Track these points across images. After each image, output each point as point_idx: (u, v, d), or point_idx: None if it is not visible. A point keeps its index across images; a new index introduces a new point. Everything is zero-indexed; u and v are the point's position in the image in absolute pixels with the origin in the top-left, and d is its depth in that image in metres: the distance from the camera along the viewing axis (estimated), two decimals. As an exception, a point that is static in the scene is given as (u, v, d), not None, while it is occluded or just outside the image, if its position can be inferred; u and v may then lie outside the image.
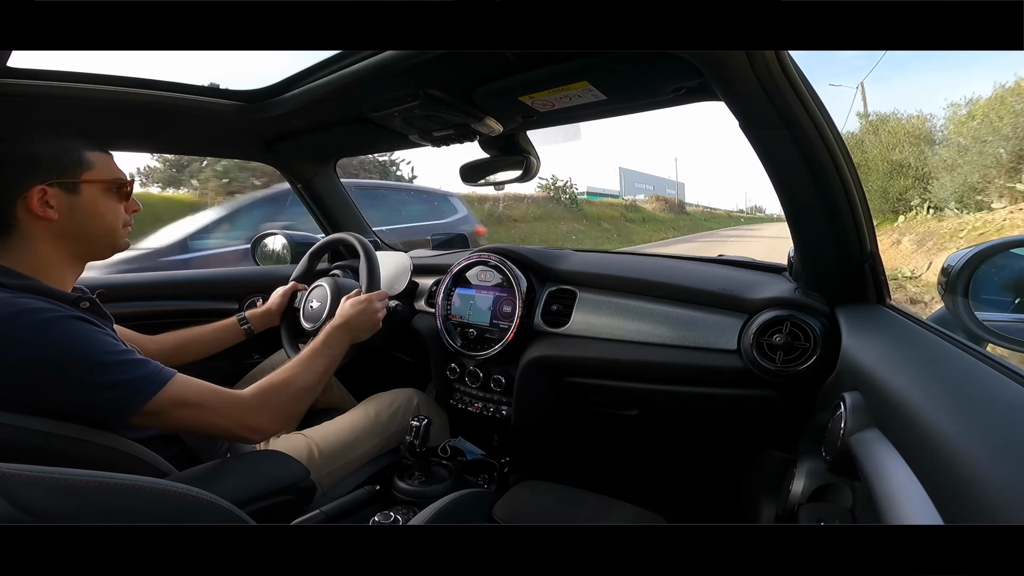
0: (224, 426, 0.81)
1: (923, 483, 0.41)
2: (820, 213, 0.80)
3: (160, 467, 0.78)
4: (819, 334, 0.85)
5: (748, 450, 1.13)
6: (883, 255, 0.85)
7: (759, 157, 0.79)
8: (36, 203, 0.75)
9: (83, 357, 0.70)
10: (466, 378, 1.30)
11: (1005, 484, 0.33)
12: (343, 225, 1.77)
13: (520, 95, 0.97)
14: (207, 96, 1.16)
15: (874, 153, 10.69)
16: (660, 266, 1.21)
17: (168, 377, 0.76)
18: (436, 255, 1.63)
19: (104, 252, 0.85)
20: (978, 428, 0.40)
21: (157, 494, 0.48)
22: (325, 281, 1.26)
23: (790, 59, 0.66)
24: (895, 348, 0.67)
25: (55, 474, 0.42)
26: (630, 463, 1.48)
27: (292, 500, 0.88)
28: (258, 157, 1.57)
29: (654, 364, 1.02)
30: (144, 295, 1.39)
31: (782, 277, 1.07)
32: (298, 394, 0.90)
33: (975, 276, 0.81)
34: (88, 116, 1.09)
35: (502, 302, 1.24)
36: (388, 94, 1.02)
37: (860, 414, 0.57)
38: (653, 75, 0.85)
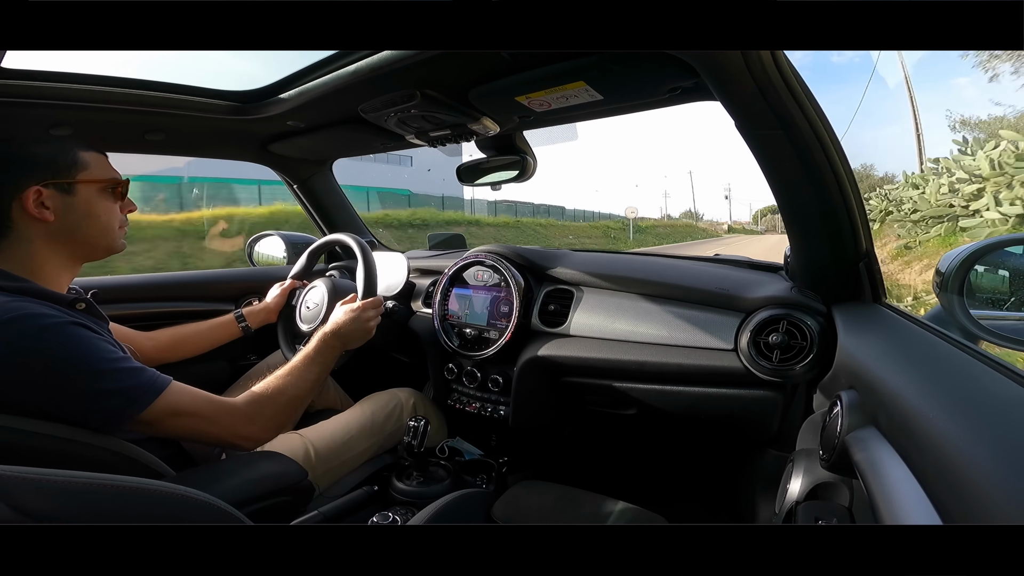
0: (217, 435, 0.81)
1: (919, 481, 0.41)
2: (816, 212, 0.80)
3: (157, 468, 0.78)
4: (815, 333, 0.85)
5: (745, 449, 1.13)
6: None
7: (755, 157, 0.79)
8: (32, 204, 0.75)
9: (80, 365, 0.70)
10: (464, 378, 1.30)
11: (1001, 482, 0.33)
12: (340, 225, 1.77)
13: (516, 95, 0.97)
14: (202, 96, 1.15)
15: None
16: (657, 266, 1.21)
17: (164, 385, 0.76)
18: (433, 255, 1.63)
19: (100, 252, 0.85)
20: (974, 426, 0.40)
21: (154, 495, 0.48)
22: (323, 282, 1.26)
23: (786, 59, 0.66)
24: (891, 346, 0.67)
25: (52, 476, 0.42)
26: (628, 463, 1.48)
27: (290, 501, 0.87)
28: (254, 158, 1.57)
29: (651, 364, 1.02)
30: (139, 296, 1.39)
31: (778, 276, 1.07)
32: (291, 403, 0.90)
33: (970, 274, 0.82)
34: (83, 116, 1.09)
35: (499, 302, 1.24)
36: (384, 94, 1.02)
37: (856, 412, 0.58)
38: (649, 75, 0.85)
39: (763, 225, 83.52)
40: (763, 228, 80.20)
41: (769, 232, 68.18)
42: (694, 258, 1.29)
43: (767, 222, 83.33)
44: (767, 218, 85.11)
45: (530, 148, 1.32)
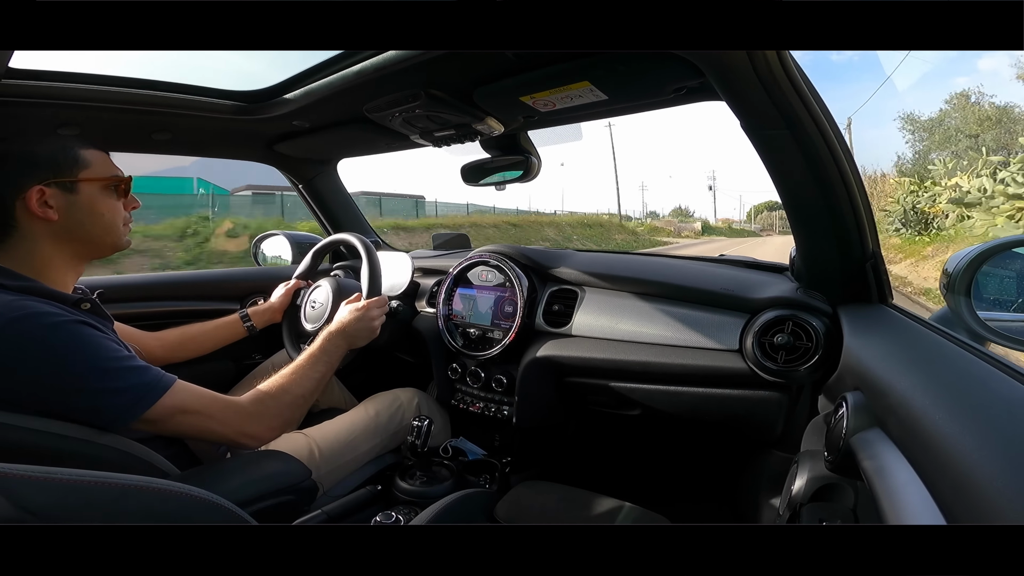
0: (223, 433, 0.82)
1: (925, 483, 0.41)
2: (822, 213, 0.80)
3: (161, 467, 0.78)
4: (821, 334, 0.85)
5: (749, 450, 1.13)
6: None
7: (761, 157, 0.79)
8: (35, 203, 0.76)
9: (86, 363, 0.70)
10: (467, 378, 1.30)
11: (1007, 484, 0.33)
12: (344, 225, 1.78)
13: (521, 95, 0.97)
14: (208, 96, 1.16)
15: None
16: (661, 266, 1.21)
17: (169, 384, 0.76)
18: (437, 255, 1.63)
19: (105, 250, 0.86)
20: (980, 427, 0.40)
21: (159, 494, 0.48)
22: (327, 281, 1.26)
23: (791, 59, 0.66)
24: (897, 348, 0.67)
25: (57, 474, 0.42)
26: (632, 463, 1.48)
27: (294, 500, 0.88)
28: (260, 158, 1.58)
29: (655, 364, 1.01)
30: (144, 296, 1.39)
31: (784, 277, 1.06)
32: (295, 401, 0.90)
33: (977, 275, 0.81)
34: (90, 116, 1.10)
35: (503, 302, 1.24)
36: (389, 94, 1.02)
37: (862, 414, 0.57)
38: (654, 75, 0.85)
39: (759, 223, 76.35)
40: (759, 227, 73.57)
41: (768, 233, 62.00)
42: (699, 258, 1.29)
43: (763, 220, 76.14)
44: (763, 215, 77.80)
45: (534, 148, 1.32)
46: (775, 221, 67.97)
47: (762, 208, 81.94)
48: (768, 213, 75.56)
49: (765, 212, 78.26)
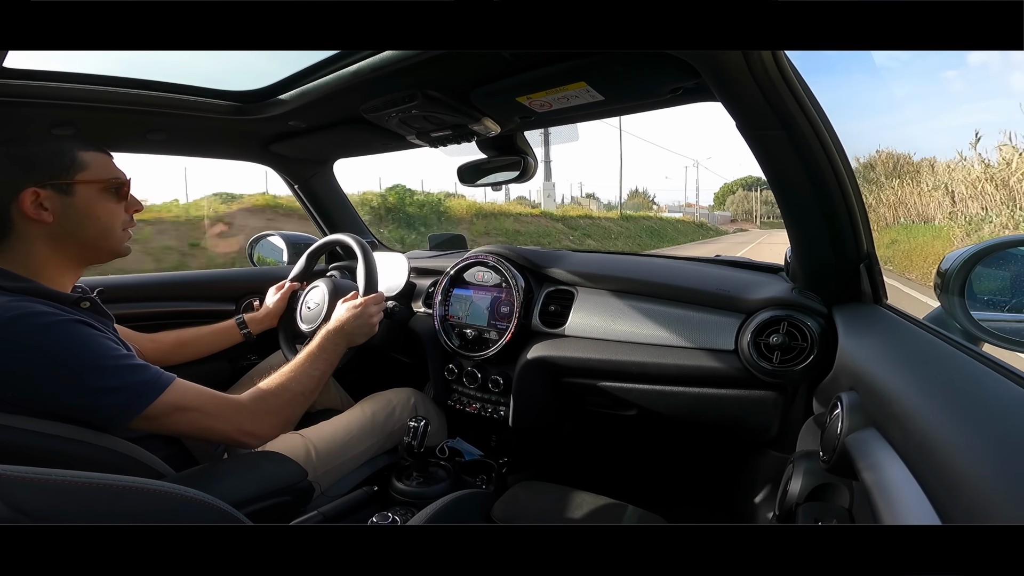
0: (222, 431, 0.81)
1: (919, 482, 0.41)
2: (817, 213, 0.80)
3: (157, 468, 0.78)
4: (816, 334, 0.85)
5: (745, 450, 1.13)
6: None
7: (756, 157, 0.79)
8: (29, 205, 0.75)
9: (84, 361, 0.70)
10: (464, 379, 1.30)
11: (1001, 484, 0.33)
12: (340, 226, 1.77)
13: (518, 96, 0.97)
14: (204, 96, 1.15)
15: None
16: (657, 266, 1.21)
17: (168, 382, 0.76)
18: (433, 256, 1.63)
19: (103, 255, 0.84)
20: (974, 427, 0.40)
21: (154, 495, 0.48)
22: (323, 282, 1.26)
23: (787, 59, 0.66)
24: (891, 348, 0.67)
25: (51, 476, 0.42)
26: (628, 463, 1.48)
27: (290, 501, 0.87)
28: (255, 158, 1.57)
29: (651, 365, 1.02)
30: (140, 296, 1.39)
31: (779, 277, 1.07)
32: (295, 399, 0.90)
33: (971, 275, 0.81)
34: (85, 116, 1.09)
35: (500, 303, 1.24)
36: (386, 95, 1.02)
37: (857, 414, 0.58)
38: (651, 75, 0.85)
39: (731, 209, 60.23)
40: (731, 215, 58.36)
41: (742, 224, 48.11)
42: (695, 259, 1.29)
43: (738, 205, 58.89)
44: (736, 194, 59.76)
45: (531, 148, 1.32)
46: (755, 206, 55.70)
47: (735, 187, 66.49)
48: (743, 192, 60.59)
49: (741, 192, 63.48)
